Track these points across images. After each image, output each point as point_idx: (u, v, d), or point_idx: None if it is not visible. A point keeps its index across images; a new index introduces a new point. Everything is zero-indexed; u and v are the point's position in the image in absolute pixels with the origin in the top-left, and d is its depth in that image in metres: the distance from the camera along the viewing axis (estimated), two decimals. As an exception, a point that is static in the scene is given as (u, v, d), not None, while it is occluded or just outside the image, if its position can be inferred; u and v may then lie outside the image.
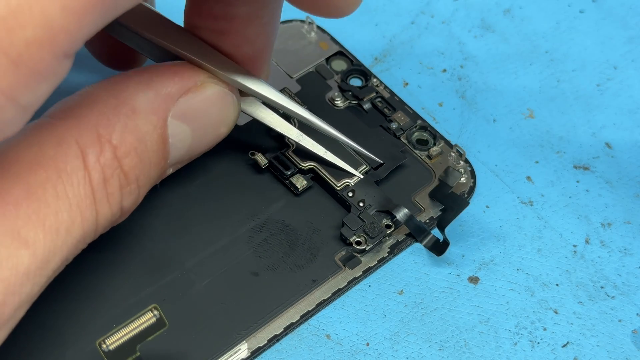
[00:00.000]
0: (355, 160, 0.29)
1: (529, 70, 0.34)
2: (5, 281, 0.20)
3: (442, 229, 0.29)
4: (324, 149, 0.29)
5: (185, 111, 0.25)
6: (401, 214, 0.28)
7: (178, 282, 0.27)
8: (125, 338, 0.25)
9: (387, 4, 0.36)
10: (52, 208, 0.21)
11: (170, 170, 0.27)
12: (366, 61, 0.34)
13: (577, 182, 0.31)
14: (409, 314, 0.28)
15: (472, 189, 0.30)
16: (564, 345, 0.27)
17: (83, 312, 0.26)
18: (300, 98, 0.32)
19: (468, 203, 0.29)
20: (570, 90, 0.34)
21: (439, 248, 0.28)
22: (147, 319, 0.26)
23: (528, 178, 0.31)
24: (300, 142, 0.29)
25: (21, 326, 0.25)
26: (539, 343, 0.27)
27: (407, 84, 0.34)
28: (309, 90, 0.32)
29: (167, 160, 0.26)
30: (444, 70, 0.34)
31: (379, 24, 0.36)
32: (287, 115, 0.28)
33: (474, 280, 0.28)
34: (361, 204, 0.29)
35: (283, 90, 0.31)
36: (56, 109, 0.23)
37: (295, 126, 0.29)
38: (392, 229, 0.29)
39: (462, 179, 0.30)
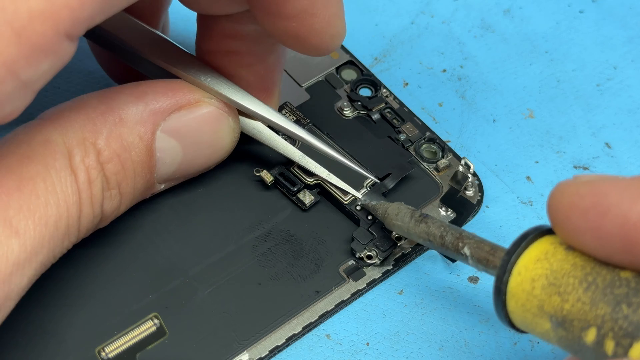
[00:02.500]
0: (360, 176, 0.29)
1: (529, 70, 0.34)
2: None
3: None
4: (327, 172, 0.29)
5: (176, 127, 0.25)
6: None
7: (181, 290, 0.27)
8: (125, 346, 0.25)
9: (387, 4, 0.36)
10: (42, 200, 0.22)
11: (162, 187, 0.27)
12: (366, 61, 0.34)
13: (577, 182, 0.31)
14: (408, 313, 0.28)
15: (479, 202, 0.30)
16: (564, 345, 0.27)
17: (85, 319, 0.26)
18: (308, 107, 0.31)
19: (475, 206, 0.29)
20: (570, 90, 0.34)
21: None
22: (147, 327, 0.26)
23: (528, 178, 0.31)
24: (303, 165, 0.29)
25: (22, 331, 0.25)
26: (538, 343, 0.27)
27: (407, 84, 0.34)
28: (318, 100, 0.32)
29: (154, 174, 0.26)
30: (444, 70, 0.34)
31: (379, 24, 0.36)
32: (288, 136, 0.28)
33: (474, 280, 0.28)
34: (370, 217, 0.28)
35: (284, 106, 0.31)
36: (48, 112, 0.24)
37: (297, 145, 0.29)
38: (403, 240, 0.28)
39: (470, 192, 0.30)
